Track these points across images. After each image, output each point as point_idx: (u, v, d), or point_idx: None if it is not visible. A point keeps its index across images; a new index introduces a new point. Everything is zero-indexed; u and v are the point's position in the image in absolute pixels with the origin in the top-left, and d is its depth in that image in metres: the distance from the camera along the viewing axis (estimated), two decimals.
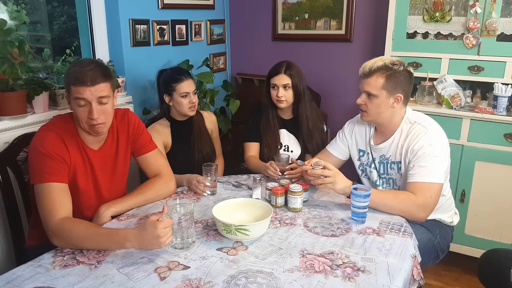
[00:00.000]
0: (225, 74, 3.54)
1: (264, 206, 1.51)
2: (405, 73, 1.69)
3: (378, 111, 1.71)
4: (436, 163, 1.62)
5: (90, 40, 2.61)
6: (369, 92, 1.68)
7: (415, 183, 1.62)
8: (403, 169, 1.72)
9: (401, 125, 1.74)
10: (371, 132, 1.85)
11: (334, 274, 1.22)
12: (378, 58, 1.70)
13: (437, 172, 1.61)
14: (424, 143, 1.64)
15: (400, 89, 1.68)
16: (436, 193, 1.61)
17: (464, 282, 2.45)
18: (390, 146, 1.76)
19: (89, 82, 1.43)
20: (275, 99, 2.17)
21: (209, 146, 2.25)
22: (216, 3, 3.30)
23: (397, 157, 1.74)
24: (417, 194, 1.59)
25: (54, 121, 1.58)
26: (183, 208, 1.35)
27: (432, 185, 1.60)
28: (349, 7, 2.99)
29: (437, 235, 1.78)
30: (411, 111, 1.78)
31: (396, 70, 1.66)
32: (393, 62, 1.68)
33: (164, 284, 1.17)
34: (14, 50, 1.94)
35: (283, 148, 2.26)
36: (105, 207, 1.57)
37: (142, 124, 1.78)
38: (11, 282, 1.19)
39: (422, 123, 1.70)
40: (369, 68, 1.67)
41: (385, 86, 1.66)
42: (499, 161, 2.34)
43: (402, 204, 1.59)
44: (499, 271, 1.51)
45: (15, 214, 1.73)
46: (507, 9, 2.31)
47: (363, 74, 1.70)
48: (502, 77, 2.37)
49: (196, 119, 2.23)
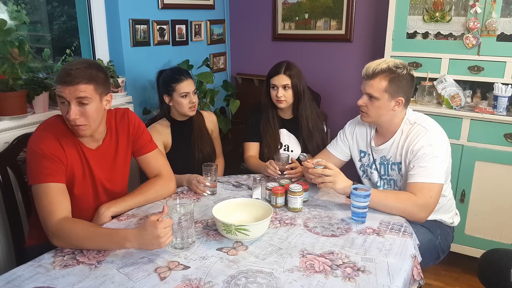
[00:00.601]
0: (225, 74, 3.54)
1: (264, 206, 1.51)
2: (408, 77, 1.68)
3: (378, 113, 1.71)
4: (436, 163, 1.61)
5: (90, 40, 2.61)
6: (371, 95, 1.68)
7: (415, 183, 1.62)
8: (404, 169, 1.72)
9: (401, 126, 1.73)
10: (372, 133, 1.85)
11: (334, 274, 1.22)
12: (382, 60, 1.69)
13: (437, 172, 1.61)
14: (424, 144, 1.64)
15: (402, 92, 1.67)
16: (436, 194, 1.61)
17: (464, 282, 2.45)
18: (391, 147, 1.76)
19: (68, 81, 1.42)
20: (274, 99, 2.17)
21: (210, 146, 2.25)
22: (216, 3, 3.30)
23: (397, 158, 1.74)
24: (417, 194, 1.59)
25: (50, 121, 1.57)
26: (183, 208, 1.35)
27: (432, 185, 1.60)
28: (349, 7, 3.00)
29: (438, 236, 1.78)
30: (412, 112, 1.77)
31: (400, 74, 1.65)
32: (397, 65, 1.67)
33: (164, 284, 1.17)
34: (14, 50, 1.94)
35: (283, 147, 2.26)
36: (105, 207, 1.57)
37: (142, 124, 1.77)
38: (11, 282, 1.19)
39: (422, 124, 1.69)
40: (373, 70, 1.66)
41: (387, 89, 1.65)
42: (499, 161, 2.34)
43: (402, 204, 1.59)
44: (499, 271, 1.51)
45: (15, 214, 1.73)
46: (507, 9, 2.31)
47: (366, 75, 1.69)
48: (502, 77, 2.37)
49: (197, 119, 2.22)
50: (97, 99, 1.49)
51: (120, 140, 1.68)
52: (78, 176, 1.56)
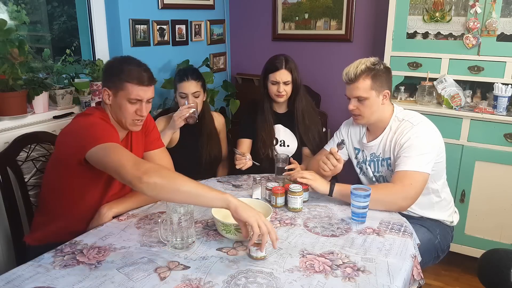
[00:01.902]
0: (225, 74, 3.54)
1: (264, 206, 1.51)
2: (385, 70, 1.74)
3: (371, 112, 1.74)
4: (419, 153, 1.64)
5: (90, 40, 2.61)
6: (360, 96, 1.72)
7: (398, 172, 1.65)
8: (393, 165, 1.74)
9: (390, 123, 1.77)
10: (363, 130, 1.89)
11: (334, 274, 1.22)
12: (358, 62, 1.73)
13: (420, 161, 1.63)
14: (410, 136, 1.67)
15: (385, 85, 1.73)
16: (417, 181, 1.62)
17: (464, 282, 2.45)
18: (380, 144, 1.79)
19: (146, 83, 1.54)
20: (275, 94, 2.15)
21: (217, 147, 2.25)
22: (216, 3, 3.30)
23: (386, 154, 1.77)
24: (397, 182, 1.62)
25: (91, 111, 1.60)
26: (183, 208, 1.35)
27: (413, 173, 1.61)
28: (349, 7, 2.99)
29: (438, 235, 1.79)
30: (400, 109, 1.81)
31: (378, 69, 1.71)
32: (373, 62, 1.72)
33: (164, 284, 1.17)
34: (14, 50, 1.94)
35: (279, 143, 2.24)
36: (107, 208, 1.57)
37: (153, 120, 1.82)
38: (11, 282, 1.19)
39: (410, 120, 1.73)
40: (354, 73, 1.70)
41: (373, 86, 1.70)
42: (499, 161, 2.34)
43: (381, 195, 1.60)
44: (499, 271, 1.51)
45: (15, 214, 1.73)
46: (507, 9, 2.31)
47: (348, 80, 1.72)
48: (502, 77, 2.37)
49: (207, 120, 2.22)
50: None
51: (134, 136, 1.71)
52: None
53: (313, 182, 1.65)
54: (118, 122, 1.61)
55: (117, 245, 1.38)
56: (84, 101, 2.30)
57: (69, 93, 2.28)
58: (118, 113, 1.58)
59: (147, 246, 1.37)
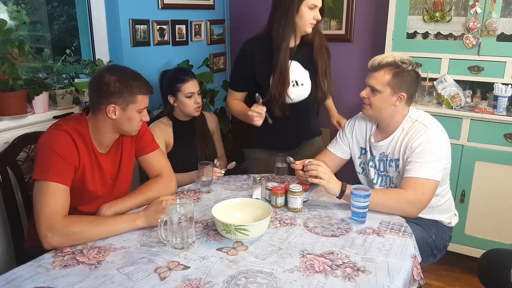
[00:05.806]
0: (225, 74, 3.54)
1: (264, 206, 1.51)
2: (413, 74, 1.68)
3: (380, 107, 1.70)
4: (432, 160, 1.62)
5: (90, 40, 2.61)
6: (373, 87, 1.68)
7: (409, 178, 1.62)
8: (401, 166, 1.73)
9: (403, 123, 1.74)
10: (373, 129, 1.85)
11: (334, 274, 1.22)
12: (389, 54, 1.70)
13: (432, 169, 1.61)
14: (423, 140, 1.64)
15: (405, 88, 1.67)
16: (429, 190, 1.61)
17: (464, 282, 2.45)
18: (390, 144, 1.76)
19: (151, 91, 1.62)
20: (311, 22, 1.92)
21: (211, 147, 2.25)
22: (216, 3, 3.30)
23: (395, 155, 1.75)
24: (409, 190, 1.60)
25: (67, 122, 1.56)
26: (183, 208, 1.35)
27: (426, 181, 1.60)
28: (349, 7, 2.99)
29: (432, 234, 1.77)
30: (414, 110, 1.78)
31: (405, 69, 1.66)
32: (403, 60, 1.67)
33: (164, 284, 1.17)
34: (14, 50, 1.94)
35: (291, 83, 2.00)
36: (106, 207, 1.57)
37: (145, 124, 1.78)
38: (11, 282, 1.19)
39: (423, 122, 1.70)
40: (378, 62, 1.67)
41: (390, 83, 1.66)
42: (499, 161, 2.34)
43: (391, 201, 1.60)
44: (499, 271, 1.51)
45: (15, 214, 1.73)
46: (507, 9, 2.31)
47: (371, 67, 1.70)
48: (502, 77, 2.37)
49: (199, 120, 2.22)
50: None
51: (125, 142, 1.70)
52: (88, 177, 1.56)
53: (326, 183, 1.61)
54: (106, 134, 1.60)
55: (117, 245, 1.38)
56: (84, 101, 2.30)
57: (69, 93, 2.28)
58: (124, 125, 1.57)
59: (147, 246, 1.37)
